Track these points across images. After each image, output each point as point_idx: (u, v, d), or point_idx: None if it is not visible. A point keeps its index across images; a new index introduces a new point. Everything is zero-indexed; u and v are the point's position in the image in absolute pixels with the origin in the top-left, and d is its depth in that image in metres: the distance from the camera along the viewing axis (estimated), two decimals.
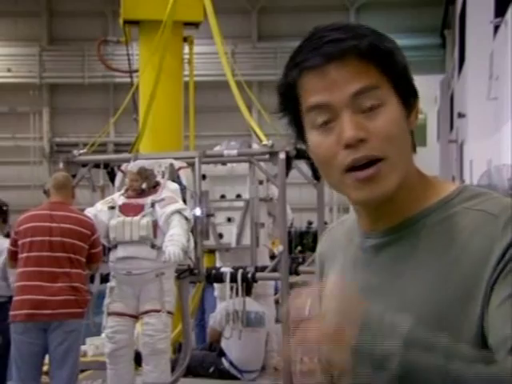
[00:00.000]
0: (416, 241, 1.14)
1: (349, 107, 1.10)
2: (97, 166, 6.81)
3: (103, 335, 6.08)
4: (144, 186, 5.77)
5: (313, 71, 1.11)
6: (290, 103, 1.16)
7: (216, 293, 7.36)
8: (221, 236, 7.05)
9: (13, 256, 5.09)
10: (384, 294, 1.13)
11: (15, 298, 4.96)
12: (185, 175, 6.36)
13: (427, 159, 13.65)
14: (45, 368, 5.33)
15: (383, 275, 1.15)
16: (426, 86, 14.93)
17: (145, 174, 5.78)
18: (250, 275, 6.22)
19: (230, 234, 7.00)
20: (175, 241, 5.34)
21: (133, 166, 5.82)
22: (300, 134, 1.19)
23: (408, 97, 1.15)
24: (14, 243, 5.08)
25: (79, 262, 5.00)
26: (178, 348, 6.73)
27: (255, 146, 7.17)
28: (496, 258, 1.05)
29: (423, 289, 1.10)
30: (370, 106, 1.10)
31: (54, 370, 5.02)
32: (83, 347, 7.51)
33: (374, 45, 1.11)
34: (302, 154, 6.58)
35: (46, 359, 5.17)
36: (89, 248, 5.07)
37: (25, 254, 4.96)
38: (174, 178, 6.26)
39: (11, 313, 4.92)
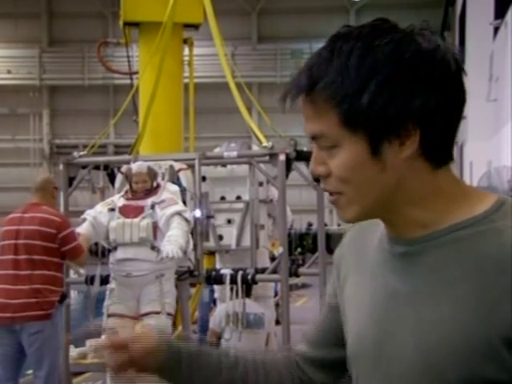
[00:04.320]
0: (447, 254, 1.11)
1: (313, 142, 1.15)
2: (97, 167, 6.80)
3: (103, 337, 6.07)
4: (154, 184, 5.80)
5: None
6: None
7: (216, 294, 7.36)
8: (221, 237, 7.04)
9: None
10: (416, 303, 1.12)
11: None
12: (185, 177, 6.36)
13: None
14: None
15: (414, 284, 1.14)
16: None
17: (153, 173, 5.82)
18: (249, 277, 6.21)
19: (229, 236, 6.99)
20: (173, 241, 5.35)
21: (140, 167, 5.79)
22: None
23: (381, 132, 1.09)
24: None
25: (44, 263, 4.98)
26: None
27: (255, 148, 7.16)
28: None
29: (452, 307, 1.08)
30: (327, 147, 1.13)
31: (34, 371, 5.10)
32: (83, 349, 7.52)
33: (325, 95, 1.09)
34: (301, 156, 6.58)
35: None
36: (59, 246, 5.04)
37: None
38: (174, 179, 6.25)
39: None
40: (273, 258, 7.20)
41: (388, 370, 1.16)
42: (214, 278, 6.35)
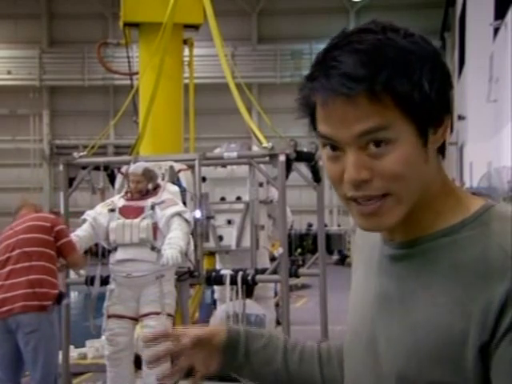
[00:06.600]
0: (431, 260, 1.11)
1: (354, 145, 1.05)
2: (97, 168, 6.80)
3: (103, 337, 6.08)
4: (150, 186, 5.79)
5: (320, 100, 1.05)
6: (307, 111, 1.12)
7: (216, 295, 7.36)
8: (221, 238, 7.04)
9: None
10: (405, 306, 1.13)
11: None
12: (185, 177, 6.36)
13: None
14: None
15: (402, 287, 1.14)
16: None
17: (149, 175, 5.79)
18: (249, 277, 6.22)
19: (229, 237, 6.99)
20: (173, 244, 5.34)
21: (136, 168, 5.80)
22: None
23: (431, 121, 1.08)
24: None
25: (41, 254, 5.00)
26: None
27: (255, 149, 7.17)
28: (495, 309, 1.01)
29: (428, 312, 1.08)
30: (378, 145, 1.04)
31: (30, 371, 5.10)
32: (83, 350, 7.53)
33: (389, 86, 1.02)
34: (301, 157, 6.59)
35: None
36: (54, 240, 5.08)
37: None
38: (174, 180, 6.26)
39: None
40: (273, 259, 7.21)
41: (375, 369, 1.16)
42: (214, 279, 6.35)
